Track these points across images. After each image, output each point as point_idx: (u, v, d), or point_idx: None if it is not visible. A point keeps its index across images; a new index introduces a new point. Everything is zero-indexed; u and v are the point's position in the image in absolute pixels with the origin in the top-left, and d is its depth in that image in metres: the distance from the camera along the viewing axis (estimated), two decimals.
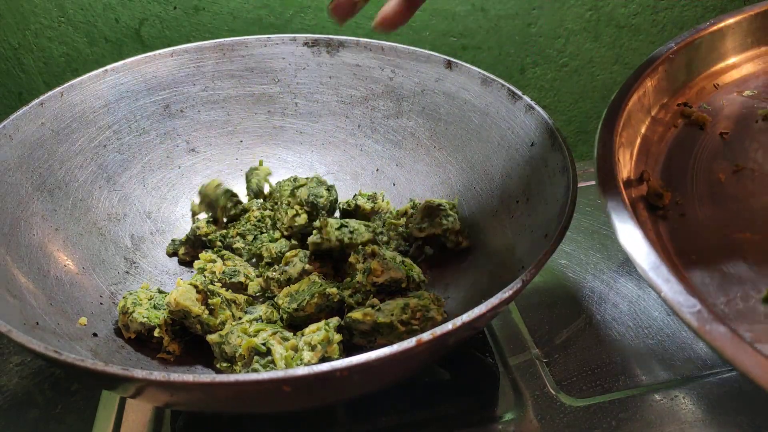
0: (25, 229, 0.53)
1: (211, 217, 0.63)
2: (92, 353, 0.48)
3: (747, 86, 0.57)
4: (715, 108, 0.55)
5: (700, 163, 0.50)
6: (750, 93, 0.56)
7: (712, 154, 0.51)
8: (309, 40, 0.68)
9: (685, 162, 0.51)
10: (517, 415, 0.51)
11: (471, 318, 0.38)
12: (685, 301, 0.35)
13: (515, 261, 0.51)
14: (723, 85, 0.57)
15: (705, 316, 0.34)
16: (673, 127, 0.54)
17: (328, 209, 0.61)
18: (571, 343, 0.57)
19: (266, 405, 0.43)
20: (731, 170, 0.49)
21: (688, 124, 0.54)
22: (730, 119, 0.54)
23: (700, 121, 0.53)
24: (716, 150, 0.51)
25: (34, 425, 0.52)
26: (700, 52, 0.57)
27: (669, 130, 0.53)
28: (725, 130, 0.53)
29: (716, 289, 0.40)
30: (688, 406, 0.51)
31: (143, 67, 0.64)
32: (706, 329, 0.33)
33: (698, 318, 0.34)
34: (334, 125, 0.68)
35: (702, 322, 0.34)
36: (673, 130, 0.53)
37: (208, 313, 0.50)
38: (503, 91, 0.59)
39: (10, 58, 0.79)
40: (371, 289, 0.52)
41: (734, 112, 0.54)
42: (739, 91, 0.56)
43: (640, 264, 0.37)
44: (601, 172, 0.44)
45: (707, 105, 0.55)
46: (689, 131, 0.53)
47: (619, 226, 0.40)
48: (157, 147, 0.65)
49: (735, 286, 0.40)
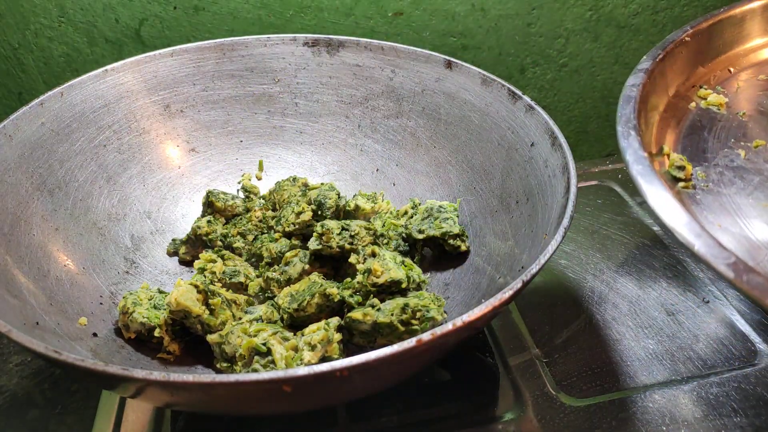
0: (25, 229, 0.53)
1: (210, 215, 0.63)
2: (92, 353, 0.48)
3: (762, 70, 0.57)
4: (730, 91, 0.55)
5: (719, 140, 0.51)
6: (765, 77, 0.56)
7: (731, 132, 0.51)
8: (309, 40, 0.68)
9: (704, 139, 0.51)
10: (517, 415, 0.51)
11: (471, 318, 0.38)
12: (720, 254, 0.35)
13: (515, 261, 0.51)
14: (738, 69, 0.57)
15: (741, 267, 0.34)
16: (689, 107, 0.54)
17: (333, 210, 0.61)
18: (571, 343, 0.57)
19: (266, 405, 0.43)
20: (752, 146, 0.49)
21: (705, 105, 0.54)
22: (747, 101, 0.54)
23: (717, 102, 0.54)
24: (735, 128, 0.52)
25: (34, 425, 0.52)
26: (716, 36, 0.57)
27: (687, 110, 0.54)
28: (743, 110, 0.53)
29: (744, 255, 0.40)
30: (688, 406, 0.51)
31: (143, 67, 0.64)
32: (743, 279, 0.33)
33: (734, 269, 0.34)
34: (334, 125, 0.68)
35: (738, 272, 0.34)
36: (691, 110, 0.54)
37: (209, 313, 0.50)
38: (503, 91, 0.59)
39: (10, 58, 0.79)
40: (371, 290, 0.52)
41: (751, 95, 0.55)
42: (754, 75, 0.57)
43: (670, 222, 0.37)
44: (626, 143, 0.44)
45: (722, 88, 0.55)
46: (706, 112, 0.54)
47: (648, 189, 0.40)
48: (157, 147, 0.65)
49: (762, 250, 0.40)
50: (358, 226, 0.56)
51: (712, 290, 0.61)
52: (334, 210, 0.61)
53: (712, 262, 0.35)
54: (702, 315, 0.59)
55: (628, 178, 0.76)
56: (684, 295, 0.61)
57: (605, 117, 0.90)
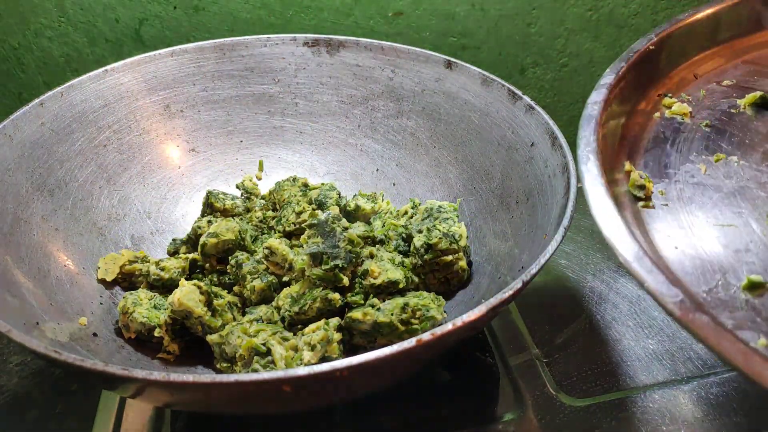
0: (25, 229, 0.53)
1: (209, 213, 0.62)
2: (92, 353, 0.48)
3: (726, 76, 0.57)
4: (695, 98, 0.55)
5: (682, 154, 0.50)
6: (729, 83, 0.56)
7: (693, 145, 0.51)
8: (309, 40, 0.68)
9: (666, 153, 0.51)
10: (517, 415, 0.51)
11: (471, 318, 0.38)
12: (668, 291, 0.35)
13: (515, 261, 0.51)
14: (702, 74, 0.57)
15: (687, 305, 0.34)
16: (654, 117, 0.54)
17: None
18: (571, 343, 0.57)
19: (266, 405, 0.43)
20: (713, 160, 0.49)
21: (670, 114, 0.54)
22: (710, 109, 0.54)
23: (681, 112, 0.54)
24: (697, 141, 0.51)
25: (34, 425, 0.52)
26: (679, 43, 0.57)
27: (650, 120, 0.53)
28: (706, 120, 0.53)
29: (698, 278, 0.40)
30: (688, 406, 0.51)
31: (143, 67, 0.64)
32: (689, 318, 0.34)
33: (681, 307, 0.34)
34: (334, 125, 0.68)
35: (685, 311, 0.34)
36: (654, 120, 0.53)
37: (210, 315, 0.50)
38: (503, 91, 0.59)
39: (10, 58, 0.79)
40: (369, 291, 0.52)
41: (714, 102, 0.54)
42: (718, 81, 0.56)
43: (623, 256, 0.38)
44: (583, 166, 0.44)
45: (687, 95, 0.55)
46: (670, 122, 0.53)
47: (602, 219, 0.41)
48: (157, 147, 0.65)
49: (717, 274, 0.41)
50: (358, 237, 0.54)
51: None
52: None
53: (660, 300, 0.35)
54: None
55: None
56: None
57: None
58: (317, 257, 0.52)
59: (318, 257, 0.52)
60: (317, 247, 0.52)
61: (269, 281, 0.54)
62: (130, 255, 0.57)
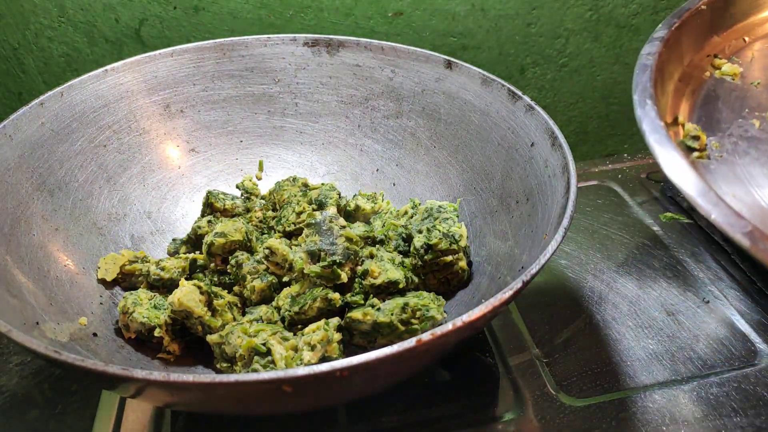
0: (25, 229, 0.53)
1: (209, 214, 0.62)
2: (92, 353, 0.48)
3: None
4: (744, 61, 0.55)
5: (733, 111, 0.50)
6: None
7: (745, 102, 0.51)
8: (309, 40, 0.68)
9: (718, 109, 0.51)
10: (517, 415, 0.51)
11: (471, 318, 0.38)
12: (737, 222, 0.35)
13: (515, 261, 0.51)
14: (753, 38, 0.57)
15: (757, 235, 0.34)
16: (704, 76, 0.54)
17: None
18: (571, 343, 0.57)
19: (266, 405, 0.43)
20: (766, 117, 0.49)
21: (720, 75, 0.54)
22: (761, 71, 0.54)
23: (731, 72, 0.54)
24: (749, 98, 0.51)
25: (34, 425, 0.52)
26: (730, 6, 0.57)
27: (701, 79, 0.53)
28: (757, 80, 0.53)
29: (759, 224, 0.40)
30: (688, 406, 0.51)
31: (143, 67, 0.64)
32: (760, 247, 0.33)
33: (751, 237, 0.34)
34: (334, 125, 0.68)
35: (755, 240, 0.34)
36: (705, 79, 0.53)
37: (210, 315, 0.50)
38: (503, 91, 0.59)
39: (10, 58, 0.79)
40: (369, 291, 0.52)
41: (766, 65, 0.54)
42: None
43: (687, 191, 0.37)
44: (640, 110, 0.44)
45: (737, 57, 0.55)
46: (721, 81, 0.53)
47: (664, 157, 0.40)
48: (157, 147, 0.65)
49: None
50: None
51: (712, 290, 0.61)
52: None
53: (729, 230, 0.35)
54: (702, 315, 0.59)
55: (628, 178, 0.76)
56: (684, 295, 0.61)
57: (605, 117, 0.90)
58: (315, 255, 0.52)
59: (315, 255, 0.52)
60: (315, 245, 0.53)
61: (269, 281, 0.54)
62: (130, 255, 0.57)
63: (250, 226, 0.59)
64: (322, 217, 0.55)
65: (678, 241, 0.67)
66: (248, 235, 0.57)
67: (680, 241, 0.67)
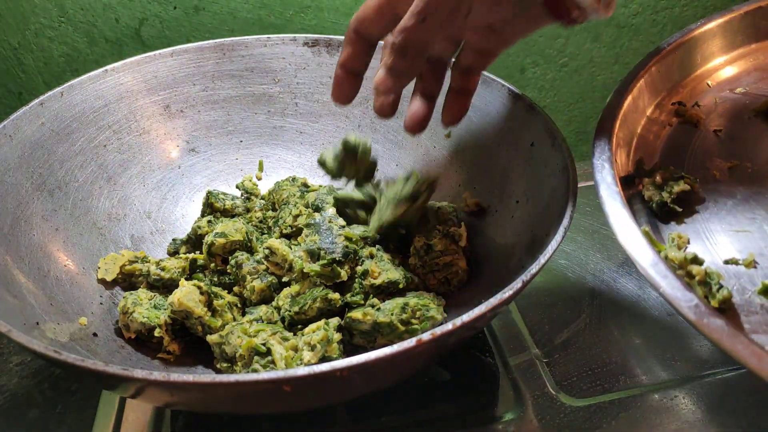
0: (25, 229, 0.53)
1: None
2: (92, 353, 0.48)
3: (739, 83, 0.57)
4: (708, 106, 0.55)
5: (695, 161, 0.51)
6: (742, 90, 0.56)
7: (706, 151, 0.52)
8: (309, 40, 0.68)
9: (680, 160, 0.51)
10: (517, 415, 0.51)
11: (471, 318, 0.38)
12: (683, 296, 0.36)
13: (515, 261, 0.51)
14: (715, 83, 0.58)
15: (702, 309, 0.35)
16: (668, 125, 0.54)
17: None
18: (571, 343, 0.57)
19: (266, 405, 0.43)
20: (726, 167, 0.49)
21: (683, 122, 0.54)
22: (723, 116, 0.54)
23: (694, 119, 0.54)
24: (711, 147, 0.52)
25: (34, 425, 0.52)
26: (692, 52, 0.58)
27: (664, 128, 0.54)
28: (719, 127, 0.53)
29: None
30: (688, 406, 0.51)
31: (143, 67, 0.64)
32: (704, 322, 0.34)
33: (696, 312, 0.35)
34: (334, 125, 0.68)
35: (700, 315, 0.35)
36: (668, 128, 0.54)
37: (210, 315, 0.50)
38: (503, 91, 0.59)
39: (10, 58, 0.79)
40: (369, 291, 0.52)
41: (727, 109, 0.55)
42: (731, 88, 0.57)
43: (639, 262, 0.38)
44: (598, 175, 0.45)
45: (700, 103, 0.55)
46: (684, 129, 0.54)
47: (618, 225, 0.41)
48: (157, 147, 0.65)
49: (732, 279, 0.41)
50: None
51: None
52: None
53: (676, 305, 0.36)
54: None
55: None
56: None
57: None
58: (314, 254, 0.52)
59: (315, 254, 0.52)
60: (314, 244, 0.53)
61: (269, 281, 0.54)
62: (130, 255, 0.57)
63: (250, 226, 0.59)
64: (322, 217, 0.55)
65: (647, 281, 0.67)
66: (248, 235, 0.57)
67: None
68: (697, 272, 0.40)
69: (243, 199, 0.65)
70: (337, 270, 0.52)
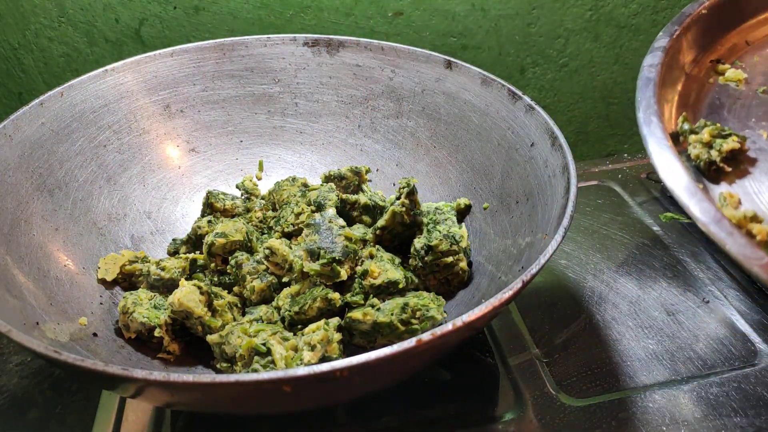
0: (25, 229, 0.53)
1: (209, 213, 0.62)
2: (92, 353, 0.48)
3: None
4: (749, 65, 0.54)
5: (739, 120, 0.49)
6: None
7: (751, 111, 0.50)
8: (309, 40, 0.68)
9: (724, 119, 0.49)
10: (517, 415, 0.51)
11: (471, 318, 0.38)
12: (752, 254, 0.33)
13: (515, 261, 0.51)
14: (754, 41, 0.56)
15: None
16: (708, 83, 0.52)
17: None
18: (571, 343, 0.57)
19: (266, 405, 0.43)
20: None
21: (724, 80, 0.53)
22: (765, 76, 0.52)
23: (735, 78, 0.52)
24: (755, 107, 0.50)
25: (34, 425, 0.52)
26: (730, 8, 0.55)
27: (704, 87, 0.52)
28: (763, 86, 0.51)
29: None
30: (688, 406, 0.51)
31: (143, 67, 0.64)
32: None
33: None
34: (334, 125, 0.68)
35: None
36: (709, 86, 0.52)
37: (210, 315, 0.50)
38: (503, 91, 0.59)
39: (10, 58, 0.79)
40: (369, 291, 0.52)
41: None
42: None
43: (700, 218, 0.36)
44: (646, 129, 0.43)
45: (740, 62, 0.54)
46: (725, 89, 0.52)
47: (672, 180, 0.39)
48: (157, 147, 0.65)
49: None
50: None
51: (712, 290, 0.61)
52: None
53: (744, 262, 0.33)
54: (702, 315, 0.59)
55: (628, 178, 0.76)
56: (684, 295, 0.61)
57: (605, 117, 0.90)
58: (314, 253, 0.52)
59: (315, 253, 0.52)
60: (314, 244, 0.53)
61: (269, 281, 0.54)
62: (130, 255, 0.57)
63: (250, 226, 0.59)
64: (322, 217, 0.55)
65: (678, 241, 0.67)
66: (248, 235, 0.57)
67: (680, 241, 0.67)
68: (758, 231, 0.37)
69: (243, 199, 0.65)
70: (336, 269, 0.52)
